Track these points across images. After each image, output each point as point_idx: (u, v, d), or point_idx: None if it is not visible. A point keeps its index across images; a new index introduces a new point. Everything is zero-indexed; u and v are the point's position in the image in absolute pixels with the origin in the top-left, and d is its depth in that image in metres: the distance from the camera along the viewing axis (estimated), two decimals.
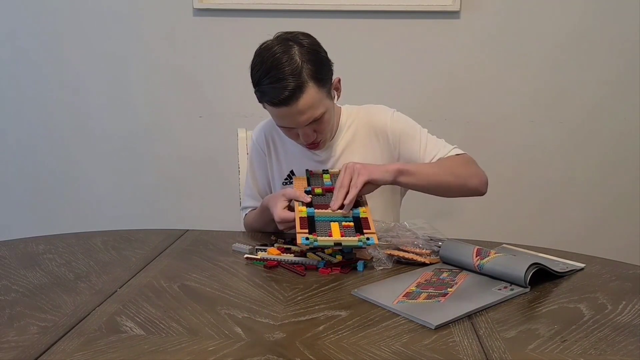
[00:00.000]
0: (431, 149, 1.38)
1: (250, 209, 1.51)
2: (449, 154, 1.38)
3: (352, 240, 1.13)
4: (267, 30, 1.33)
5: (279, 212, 1.25)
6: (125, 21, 2.31)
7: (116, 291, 1.04)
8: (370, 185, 1.24)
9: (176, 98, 2.35)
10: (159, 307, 0.97)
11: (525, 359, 0.81)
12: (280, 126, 1.33)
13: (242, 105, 2.30)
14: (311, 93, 1.24)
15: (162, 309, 0.96)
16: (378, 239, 1.15)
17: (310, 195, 1.27)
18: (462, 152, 1.41)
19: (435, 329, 0.89)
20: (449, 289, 1.03)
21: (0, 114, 2.43)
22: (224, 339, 0.86)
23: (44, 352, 0.82)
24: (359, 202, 1.25)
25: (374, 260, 1.17)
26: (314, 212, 1.21)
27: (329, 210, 1.21)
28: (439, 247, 1.19)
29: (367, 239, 1.13)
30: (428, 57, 2.23)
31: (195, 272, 1.13)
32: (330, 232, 1.15)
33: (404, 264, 1.17)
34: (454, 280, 1.07)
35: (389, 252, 1.18)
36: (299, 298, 1.01)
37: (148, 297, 1.01)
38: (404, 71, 2.25)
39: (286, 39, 1.26)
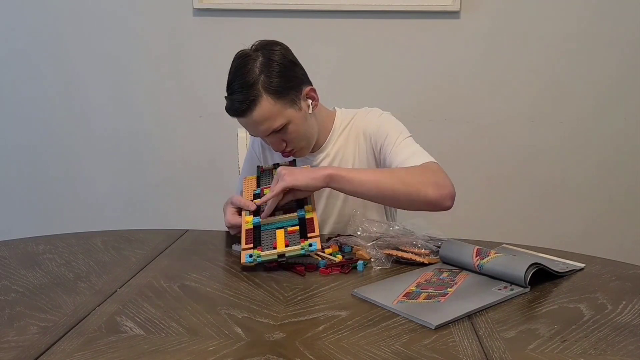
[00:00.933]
0: (402, 152, 1.30)
1: None
2: (409, 162, 1.28)
3: (295, 249, 1.13)
4: (267, 30, 1.33)
5: (229, 217, 1.29)
6: (125, 21, 2.31)
7: (116, 291, 1.04)
8: (296, 191, 1.21)
9: (176, 98, 2.35)
10: (159, 307, 0.97)
11: (525, 359, 0.81)
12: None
13: None
14: (265, 105, 1.24)
15: (162, 309, 0.96)
16: (322, 242, 1.16)
17: (257, 200, 1.28)
18: (427, 159, 1.28)
19: (435, 329, 0.89)
20: (448, 289, 1.03)
21: (0, 113, 2.43)
22: (224, 339, 0.86)
23: (44, 352, 0.82)
24: (303, 202, 1.25)
25: (372, 260, 1.17)
26: (259, 222, 1.22)
27: (275, 217, 1.22)
28: (439, 247, 1.19)
29: (310, 245, 1.13)
30: (428, 57, 2.23)
31: (195, 272, 1.13)
32: (275, 242, 1.16)
33: (403, 264, 1.17)
34: (453, 280, 1.07)
35: (387, 252, 1.18)
36: (299, 298, 1.01)
37: (148, 297, 1.01)
38: (404, 71, 2.25)
39: (256, 49, 1.28)
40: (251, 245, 1.17)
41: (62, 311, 0.96)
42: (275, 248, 1.14)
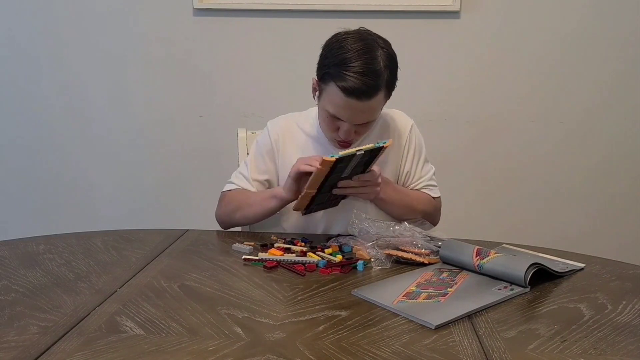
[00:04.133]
0: (425, 174, 1.47)
1: (236, 186, 1.46)
2: (427, 189, 1.47)
3: (369, 146, 1.19)
4: (267, 30, 1.33)
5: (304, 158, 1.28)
6: (125, 21, 2.31)
7: (116, 291, 1.04)
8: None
9: (176, 98, 2.35)
10: (159, 307, 0.97)
11: (525, 359, 0.81)
12: (330, 113, 1.29)
13: (242, 106, 2.30)
14: (379, 98, 1.28)
15: (162, 309, 0.96)
16: (322, 242, 1.23)
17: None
18: (438, 194, 1.49)
19: (435, 329, 0.89)
20: (449, 289, 1.03)
21: (0, 113, 2.43)
22: (224, 339, 0.86)
23: (44, 352, 0.82)
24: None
25: (372, 260, 1.17)
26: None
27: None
28: (439, 247, 1.19)
29: (383, 141, 1.22)
30: (428, 57, 2.23)
31: (195, 272, 1.13)
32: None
33: (403, 264, 1.17)
34: (454, 280, 1.07)
35: (387, 252, 1.18)
36: (299, 298, 1.01)
37: (148, 297, 1.01)
38: (404, 71, 2.22)
39: (372, 39, 1.29)
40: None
41: (62, 311, 0.96)
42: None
